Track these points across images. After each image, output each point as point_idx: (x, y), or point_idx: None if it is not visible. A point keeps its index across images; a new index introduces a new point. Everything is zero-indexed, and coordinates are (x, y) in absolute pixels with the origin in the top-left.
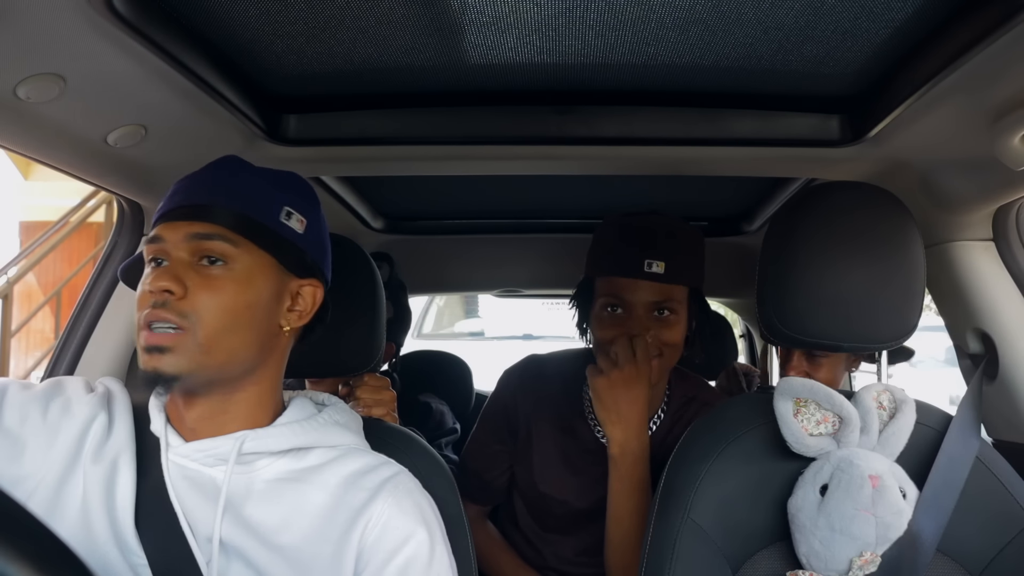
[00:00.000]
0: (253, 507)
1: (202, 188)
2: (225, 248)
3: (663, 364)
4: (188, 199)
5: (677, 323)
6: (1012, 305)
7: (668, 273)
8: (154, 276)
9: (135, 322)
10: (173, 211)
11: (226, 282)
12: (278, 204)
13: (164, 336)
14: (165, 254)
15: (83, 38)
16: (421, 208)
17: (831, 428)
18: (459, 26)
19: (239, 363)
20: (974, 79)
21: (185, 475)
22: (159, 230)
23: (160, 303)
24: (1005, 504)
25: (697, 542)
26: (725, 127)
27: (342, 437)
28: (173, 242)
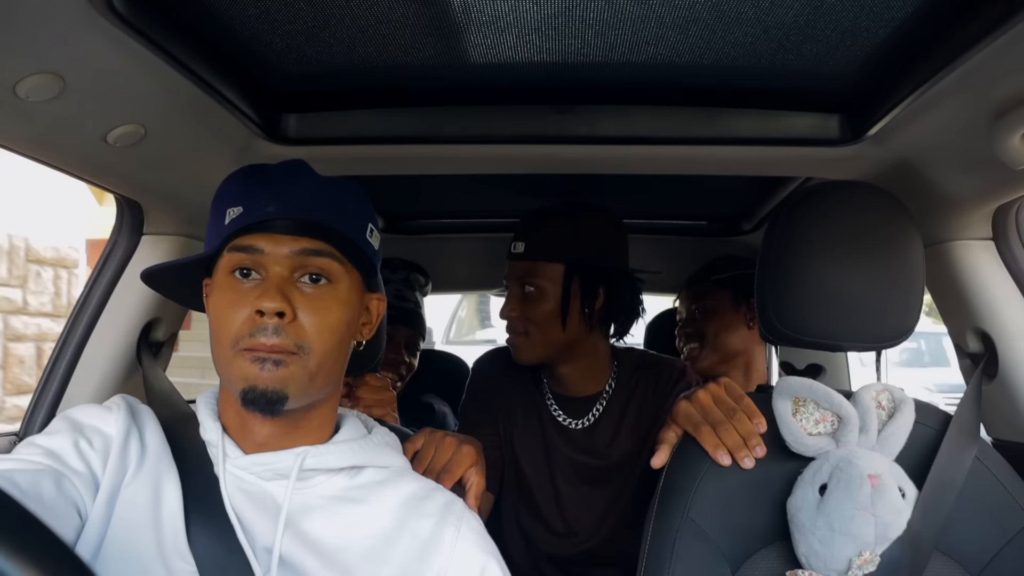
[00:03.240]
0: (311, 523)
1: (300, 200)
2: (332, 267)
3: (529, 339)
4: (289, 210)
5: (541, 299)
6: (1012, 304)
7: (528, 251)
8: (260, 294)
9: (224, 337)
10: (273, 222)
11: (332, 303)
12: (364, 221)
13: (275, 359)
14: (260, 267)
15: (83, 37)
16: (421, 207)
17: (830, 428)
18: (459, 25)
19: (333, 384)
20: (974, 78)
21: (240, 487)
22: (255, 240)
23: (272, 330)
24: (1004, 503)
25: (697, 541)
26: (725, 126)
27: (392, 458)
28: (275, 256)
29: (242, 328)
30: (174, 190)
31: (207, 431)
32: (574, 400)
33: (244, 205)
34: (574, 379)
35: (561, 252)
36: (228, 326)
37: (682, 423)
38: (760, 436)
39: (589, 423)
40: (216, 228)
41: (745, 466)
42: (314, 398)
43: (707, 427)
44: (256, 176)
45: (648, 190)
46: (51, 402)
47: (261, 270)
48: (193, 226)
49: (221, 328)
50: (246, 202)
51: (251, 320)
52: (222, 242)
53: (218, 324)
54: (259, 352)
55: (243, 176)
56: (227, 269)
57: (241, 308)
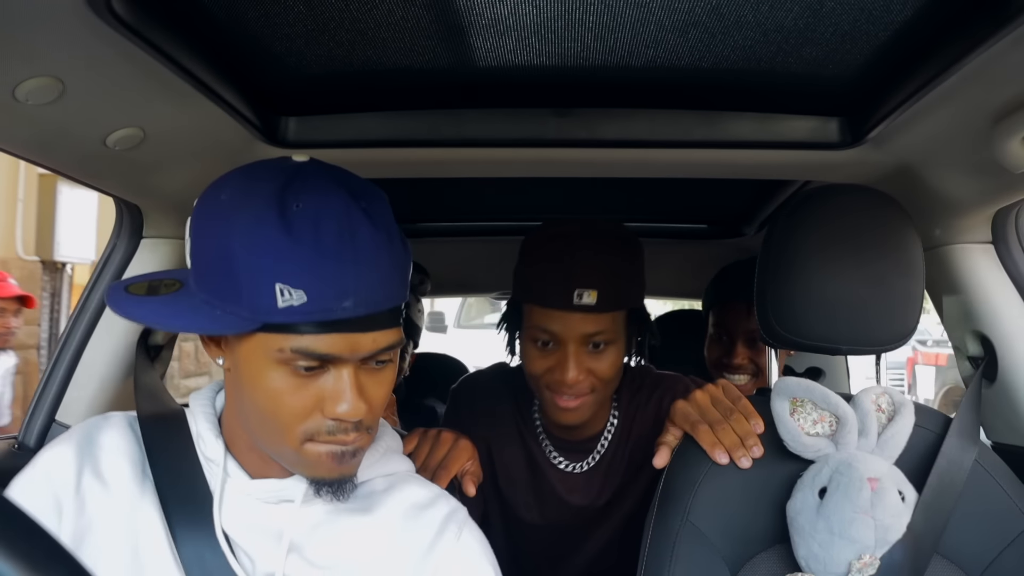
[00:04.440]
0: (314, 540)
1: (376, 285)
2: (395, 353)
3: (596, 398)
4: (369, 305)
5: (614, 352)
6: (1011, 308)
7: (601, 302)
8: (339, 396)
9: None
10: (352, 322)
11: (388, 375)
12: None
13: (354, 450)
14: (339, 365)
15: (82, 40)
16: (420, 211)
17: (828, 428)
18: (458, 29)
19: None
20: (974, 81)
21: (240, 508)
22: (331, 346)
23: (352, 426)
24: (1004, 507)
25: (696, 545)
26: (724, 130)
27: (396, 464)
28: (352, 358)
29: (315, 426)
30: (174, 193)
31: (207, 447)
32: (574, 442)
33: (308, 291)
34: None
35: (627, 297)
36: (291, 418)
37: (679, 422)
38: (758, 437)
39: (589, 466)
40: (256, 299)
41: (742, 466)
42: None
43: (704, 425)
44: (306, 233)
45: (648, 194)
46: (50, 406)
47: (336, 366)
48: None
49: (279, 417)
50: (310, 288)
51: (323, 420)
52: (276, 328)
53: (273, 412)
54: (338, 451)
55: (282, 224)
56: (279, 360)
57: (303, 400)
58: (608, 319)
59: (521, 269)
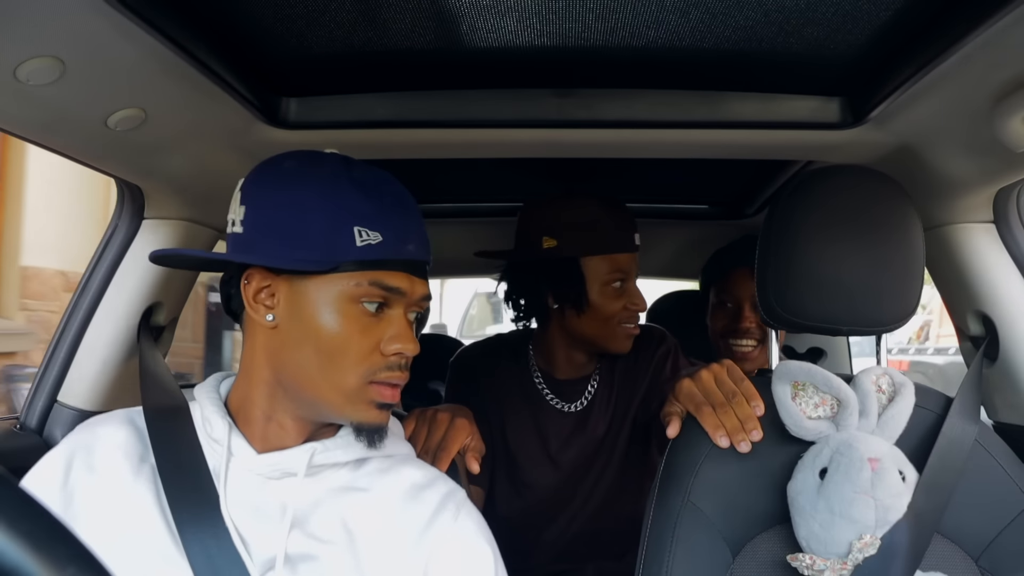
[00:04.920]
0: (315, 516)
1: (424, 240)
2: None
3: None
4: (423, 254)
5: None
6: (1013, 287)
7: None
8: (395, 334)
9: (346, 364)
10: (415, 263)
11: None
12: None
13: (395, 392)
14: (396, 305)
15: (83, 20)
16: (422, 191)
17: (829, 411)
18: (459, 9)
19: None
20: (975, 61)
21: (243, 486)
22: (400, 281)
23: (404, 365)
24: (1004, 486)
25: (697, 525)
26: (726, 110)
27: (396, 446)
28: (409, 299)
29: (376, 361)
30: (175, 174)
31: (213, 428)
32: (566, 383)
33: (383, 233)
34: (578, 362)
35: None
36: (356, 356)
37: (684, 401)
38: (758, 420)
39: (583, 405)
40: (338, 241)
41: (741, 450)
42: None
43: (708, 407)
44: (375, 193)
45: (649, 174)
46: (52, 387)
47: (395, 307)
48: (194, 210)
49: (346, 355)
50: (385, 230)
51: (386, 356)
52: (351, 264)
53: (341, 350)
54: (389, 393)
55: (360, 188)
56: (353, 296)
57: (370, 340)
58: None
59: (579, 232)
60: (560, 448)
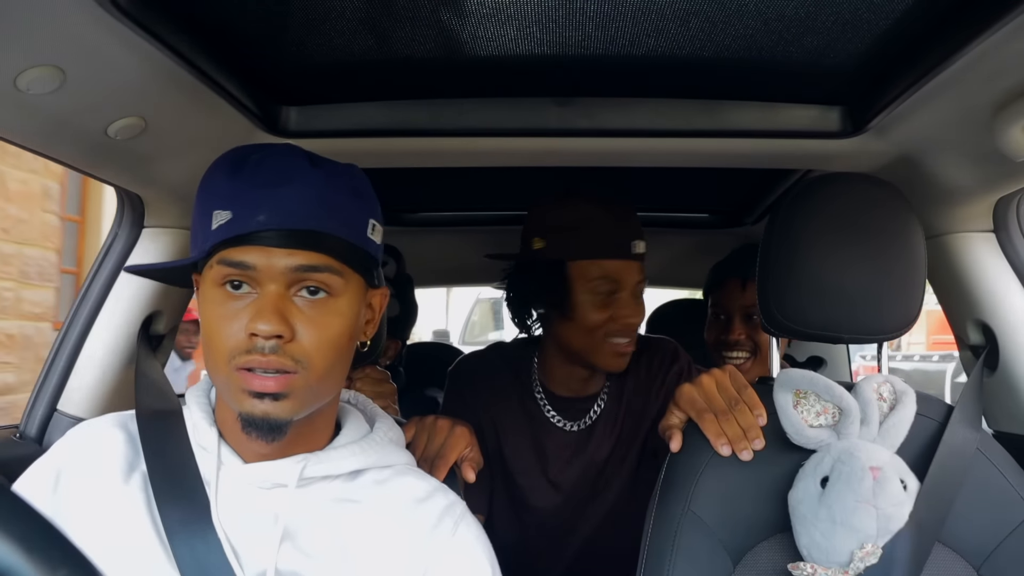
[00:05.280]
0: (310, 531)
1: (294, 206)
2: (332, 280)
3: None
4: (283, 219)
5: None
6: (1013, 296)
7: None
8: (254, 313)
9: (218, 353)
10: (264, 234)
11: (332, 317)
12: (365, 217)
13: (276, 381)
14: (253, 282)
15: (83, 29)
16: (422, 200)
17: (831, 420)
18: (460, 17)
19: (334, 392)
20: (975, 70)
21: (234, 496)
22: (245, 254)
23: (268, 348)
24: (1006, 495)
25: (698, 534)
26: (726, 119)
27: (394, 456)
28: (269, 273)
29: (237, 345)
30: (175, 183)
31: (201, 436)
32: (571, 400)
33: (232, 210)
34: (580, 378)
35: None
36: (222, 343)
37: (685, 407)
38: (760, 428)
39: (587, 424)
40: (202, 230)
41: (743, 458)
42: (316, 408)
43: (710, 415)
44: (246, 171)
45: (649, 183)
46: (51, 396)
47: (254, 285)
48: None
49: (214, 343)
50: (234, 206)
51: (247, 339)
52: (211, 248)
53: (210, 339)
54: (256, 381)
55: (231, 168)
56: (216, 281)
57: (234, 324)
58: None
59: (565, 233)
60: (560, 469)
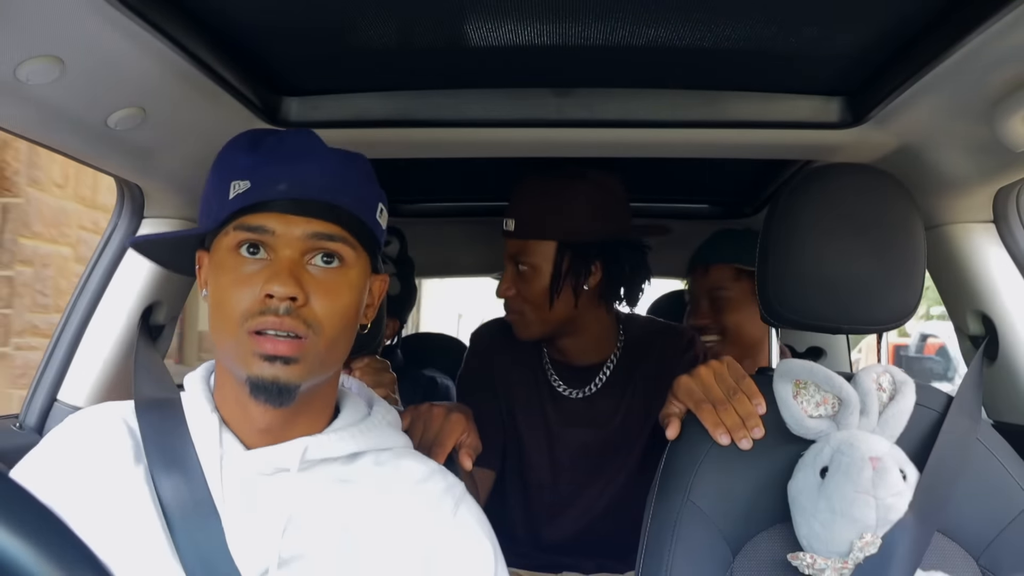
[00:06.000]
0: (312, 513)
1: (314, 180)
2: (345, 251)
3: (524, 318)
4: (302, 190)
5: (534, 277)
6: (1012, 287)
7: (518, 229)
8: (270, 276)
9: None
10: (285, 202)
11: (343, 287)
12: (375, 200)
13: (288, 345)
14: (269, 247)
15: (82, 18)
16: (420, 191)
17: (831, 410)
18: (459, 8)
19: (338, 365)
20: (975, 60)
21: (239, 483)
22: (265, 220)
23: (283, 310)
24: (1005, 485)
25: (697, 524)
26: (726, 109)
27: (393, 438)
28: (286, 238)
29: (251, 307)
30: (175, 173)
31: (202, 422)
32: (576, 369)
33: (252, 180)
34: (576, 350)
35: (551, 228)
36: (235, 306)
37: (683, 398)
38: (759, 417)
39: (590, 393)
40: (218, 200)
41: (742, 447)
42: (322, 380)
43: (708, 404)
44: (265, 147)
45: (648, 174)
46: (51, 386)
47: (270, 251)
48: (194, 209)
49: (226, 307)
50: (254, 177)
51: (260, 301)
52: (227, 217)
53: (222, 303)
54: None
55: (249, 145)
56: (231, 246)
57: (249, 288)
58: (527, 245)
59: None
60: (563, 438)
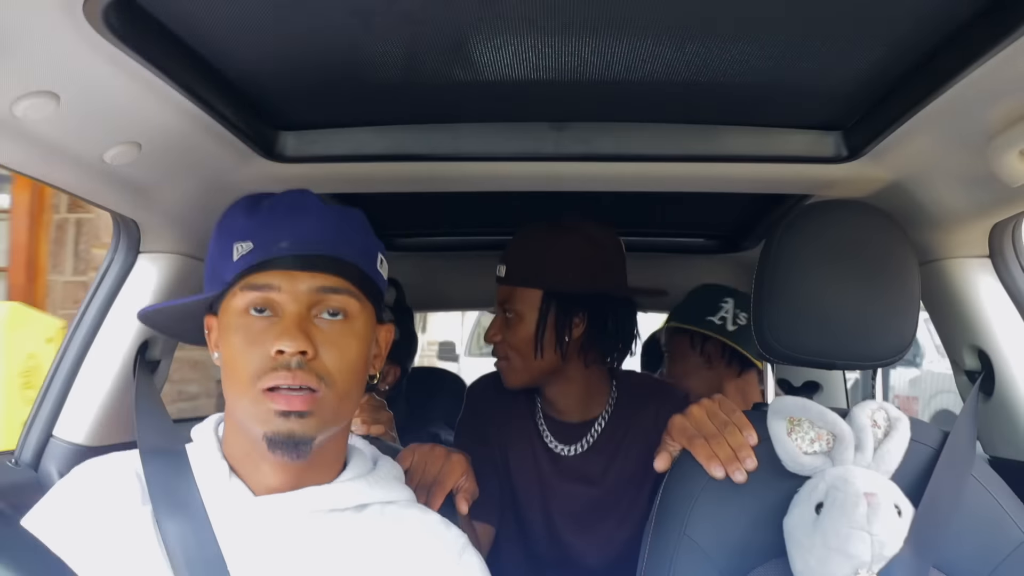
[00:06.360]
0: (318, 563)
1: (315, 235)
2: (350, 303)
3: (510, 364)
4: (305, 247)
5: (519, 325)
6: (1008, 322)
7: (507, 276)
8: (279, 333)
9: (243, 378)
10: (288, 259)
11: (351, 338)
12: (374, 252)
13: (302, 400)
14: (277, 306)
15: (79, 55)
16: (417, 225)
17: (825, 446)
18: (455, 43)
19: (349, 418)
20: (970, 96)
21: (245, 530)
22: (270, 278)
23: (294, 364)
24: (1000, 522)
25: (694, 559)
26: (721, 144)
27: (398, 491)
28: (292, 294)
29: (263, 366)
30: (171, 208)
31: (210, 469)
32: (567, 425)
33: (254, 240)
34: (566, 404)
35: (537, 277)
36: (246, 366)
37: (677, 437)
38: (751, 448)
39: (582, 450)
40: (223, 264)
41: (736, 479)
42: (335, 431)
43: (700, 439)
44: (263, 208)
45: (645, 207)
46: (47, 422)
47: (277, 308)
48: (190, 244)
49: (238, 368)
50: (256, 237)
51: (272, 358)
52: (233, 279)
53: (234, 364)
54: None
55: (248, 208)
56: (240, 308)
57: (259, 347)
58: (514, 292)
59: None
60: (557, 496)
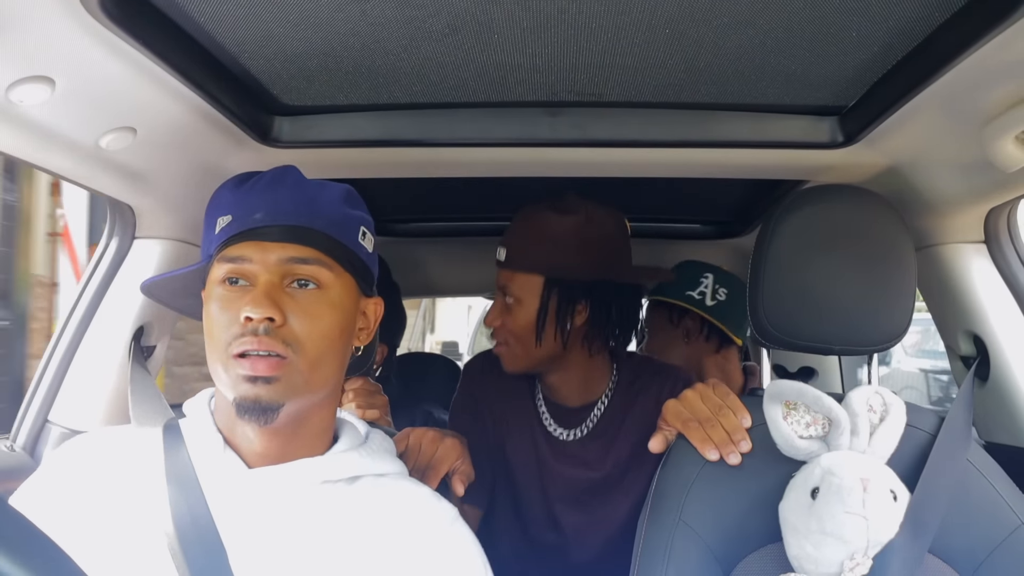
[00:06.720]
0: (311, 534)
1: (288, 207)
2: (321, 273)
3: (510, 350)
4: (277, 217)
5: (519, 310)
6: (1003, 307)
7: (508, 260)
8: (249, 300)
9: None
10: (261, 230)
11: (322, 307)
12: (355, 224)
13: (268, 364)
14: (250, 276)
15: (74, 40)
16: (412, 211)
17: (821, 431)
18: (451, 28)
19: (328, 389)
20: (965, 81)
21: (239, 501)
22: (243, 249)
23: (261, 330)
24: (995, 507)
25: (690, 544)
26: (717, 129)
27: (390, 464)
28: (263, 264)
29: (233, 333)
30: (167, 193)
31: (204, 442)
32: (568, 410)
33: (233, 213)
34: (566, 389)
35: (537, 262)
36: (220, 333)
37: (672, 421)
38: (745, 431)
39: (582, 434)
40: (208, 237)
41: (731, 462)
42: (309, 401)
43: (695, 423)
44: (246, 184)
45: (640, 193)
46: (42, 406)
47: (250, 278)
48: (186, 229)
49: (213, 335)
50: (235, 210)
51: (241, 325)
52: (214, 251)
53: (210, 332)
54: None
55: (233, 185)
56: (217, 279)
57: (231, 314)
58: (515, 277)
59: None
60: (556, 481)
